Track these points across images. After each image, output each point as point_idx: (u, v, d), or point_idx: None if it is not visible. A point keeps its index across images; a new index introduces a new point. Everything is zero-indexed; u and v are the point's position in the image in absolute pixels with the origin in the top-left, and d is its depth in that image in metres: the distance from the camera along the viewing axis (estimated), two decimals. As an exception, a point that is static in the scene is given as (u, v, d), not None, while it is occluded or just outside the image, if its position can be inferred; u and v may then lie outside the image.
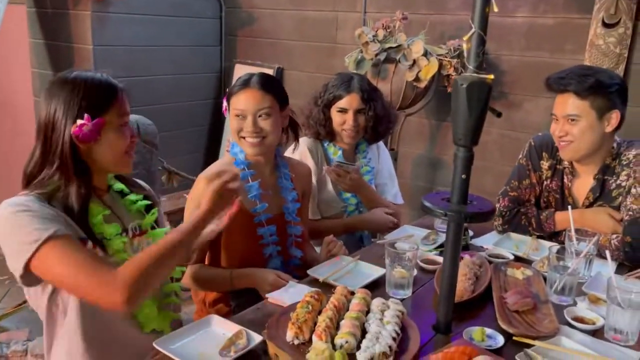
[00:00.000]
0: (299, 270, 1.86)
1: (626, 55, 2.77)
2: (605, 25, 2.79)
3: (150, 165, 2.82)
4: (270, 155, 1.85)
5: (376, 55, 3.03)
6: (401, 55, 3.02)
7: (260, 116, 1.73)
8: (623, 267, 1.73)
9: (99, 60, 3.50)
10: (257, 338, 1.27)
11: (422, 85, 3.04)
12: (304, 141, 2.24)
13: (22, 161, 1.33)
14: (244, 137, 1.75)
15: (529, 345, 1.26)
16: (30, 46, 3.76)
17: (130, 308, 1.18)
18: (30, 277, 1.23)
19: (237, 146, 1.81)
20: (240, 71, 4.32)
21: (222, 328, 1.32)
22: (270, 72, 4.09)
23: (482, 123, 1.21)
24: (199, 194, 1.65)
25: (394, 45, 3.01)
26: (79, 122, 1.26)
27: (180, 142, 4.10)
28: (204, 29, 4.25)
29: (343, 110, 2.16)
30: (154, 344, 1.23)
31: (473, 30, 1.17)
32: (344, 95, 2.16)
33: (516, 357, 1.21)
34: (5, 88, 4.09)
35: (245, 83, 1.75)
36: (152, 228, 1.47)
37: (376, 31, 3.05)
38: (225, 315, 1.56)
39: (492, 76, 1.18)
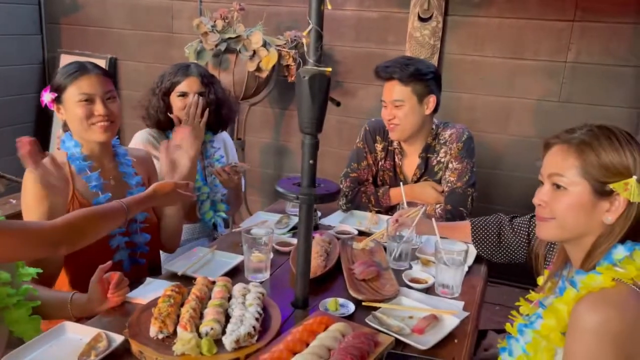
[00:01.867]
0: (145, 256, 1.82)
1: (439, 46, 3.15)
2: (421, 19, 3.14)
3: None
4: (109, 143, 1.79)
5: (216, 45, 3.04)
6: (241, 45, 3.06)
7: (108, 99, 1.69)
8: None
9: None
10: (118, 338, 1.24)
11: (264, 75, 3.12)
12: (145, 133, 2.19)
13: None
14: (93, 124, 1.67)
15: (376, 309, 1.42)
16: None
17: (62, 251, 1.32)
18: None
19: (71, 139, 1.72)
20: (67, 62, 3.98)
21: (78, 334, 1.27)
22: (102, 62, 3.85)
23: (324, 112, 1.32)
24: (32, 188, 1.55)
25: (233, 35, 3.05)
26: None
27: (2, 142, 3.68)
28: (20, 15, 3.85)
29: (184, 95, 2.14)
30: (2, 361, 1.15)
31: (311, 26, 1.26)
32: (183, 79, 2.14)
33: (366, 320, 1.35)
34: None
35: (83, 69, 1.68)
36: None
37: (215, 21, 3.05)
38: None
39: (330, 69, 1.30)
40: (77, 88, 1.66)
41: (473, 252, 1.76)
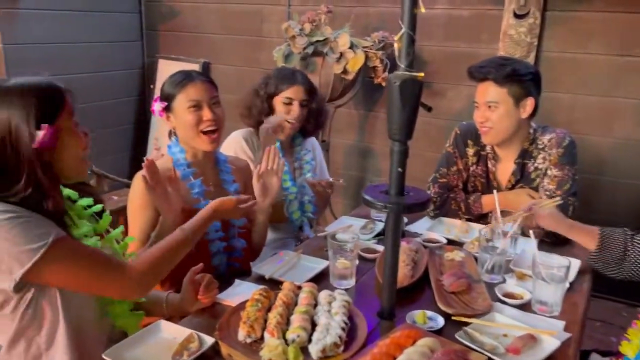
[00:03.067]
0: (240, 260, 1.87)
1: (536, 43, 2.97)
2: (516, 16, 2.98)
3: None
4: (216, 148, 1.86)
5: (304, 49, 3.06)
6: (328, 48, 3.07)
7: (214, 104, 1.76)
8: (542, 244, 1.88)
9: (11, 60, 3.30)
10: (209, 340, 1.28)
11: (350, 77, 3.11)
12: (239, 133, 2.25)
13: None
14: (202, 131, 1.74)
15: (466, 324, 1.35)
16: None
17: (140, 297, 1.35)
18: (20, 285, 1.17)
19: (177, 145, 1.79)
20: (164, 66, 4.21)
21: (172, 333, 1.31)
22: (196, 66, 4.02)
23: (415, 118, 1.28)
24: (140, 193, 1.65)
25: (321, 38, 3.06)
26: (39, 132, 1.18)
27: (105, 143, 3.94)
28: (122, 23, 4.10)
29: (289, 101, 2.19)
30: (103, 356, 1.21)
31: (403, 30, 1.22)
32: (290, 86, 2.20)
33: (456, 336, 1.29)
34: None
35: (189, 77, 1.76)
36: (107, 232, 1.43)
37: (302, 25, 3.07)
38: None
39: (422, 74, 1.25)
40: (185, 95, 1.73)
41: (575, 266, 1.63)
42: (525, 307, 1.49)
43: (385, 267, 1.40)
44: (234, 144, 2.22)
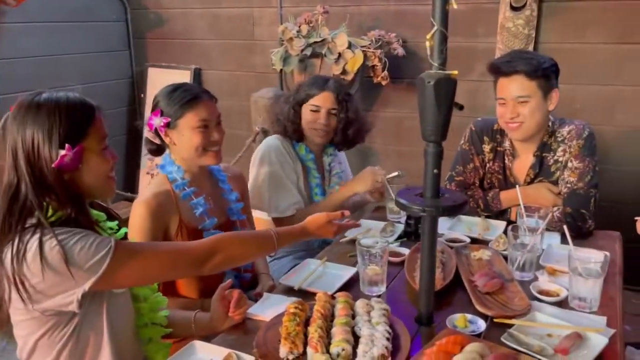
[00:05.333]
0: (250, 271, 1.84)
1: (534, 35, 2.96)
2: (513, 8, 2.97)
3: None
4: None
5: (302, 50, 3.02)
6: (326, 49, 3.03)
7: (217, 124, 1.71)
8: (563, 237, 1.85)
9: (0, 74, 3.20)
10: (248, 358, 1.23)
11: (349, 77, 3.07)
12: (275, 138, 2.19)
13: None
14: (206, 150, 1.69)
15: (507, 325, 1.32)
16: None
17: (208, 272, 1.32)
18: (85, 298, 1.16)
19: (173, 164, 1.72)
20: (154, 75, 4.12)
21: (209, 354, 1.26)
22: (187, 73, 3.95)
23: (449, 118, 1.24)
24: (141, 222, 1.59)
25: (319, 39, 3.02)
26: (61, 152, 1.14)
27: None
28: (109, 33, 4.01)
29: (316, 108, 2.13)
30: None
31: (435, 28, 1.19)
32: (318, 93, 2.13)
33: (502, 339, 1.26)
34: None
35: (198, 96, 1.68)
36: None
37: (299, 26, 3.03)
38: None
39: (456, 72, 1.21)
40: (195, 115, 1.66)
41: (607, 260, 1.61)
42: (562, 304, 1.46)
43: (421, 272, 1.36)
44: (273, 145, 2.16)
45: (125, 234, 1.38)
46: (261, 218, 2.18)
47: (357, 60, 3.01)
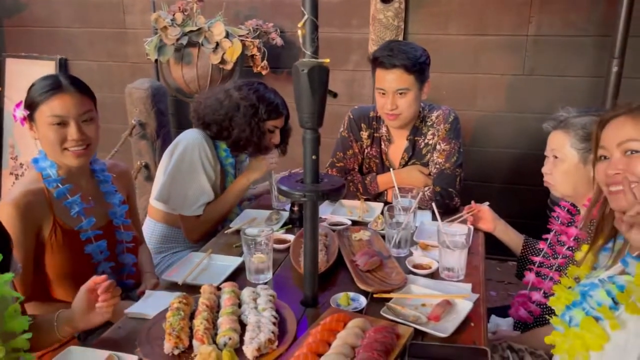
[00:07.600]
0: (132, 277, 1.76)
1: (403, 27, 3.14)
2: (383, 1, 3.12)
3: None
4: (86, 164, 1.67)
5: (177, 40, 2.92)
6: (203, 38, 2.96)
7: (84, 121, 1.55)
8: (434, 214, 2.00)
9: None
10: (130, 359, 1.18)
11: (229, 67, 3.04)
12: (197, 132, 2.06)
13: None
14: (66, 148, 1.54)
15: (386, 299, 1.40)
16: None
17: None
18: None
19: (46, 159, 1.58)
20: (13, 66, 3.77)
21: (88, 358, 1.19)
22: (52, 64, 3.66)
23: (324, 105, 1.28)
24: (9, 224, 1.42)
25: (194, 28, 2.94)
26: None
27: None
28: (-45, 19, 3.59)
29: (274, 129, 2.12)
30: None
31: (306, 16, 1.22)
32: (279, 117, 2.12)
33: (381, 312, 1.34)
34: None
35: (57, 86, 1.52)
36: None
37: (174, 15, 2.93)
38: (69, 344, 1.36)
39: (328, 60, 1.25)
40: (48, 109, 1.50)
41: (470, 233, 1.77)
42: (434, 275, 1.58)
43: (305, 256, 1.40)
44: (191, 142, 2.04)
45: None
46: (162, 210, 2.12)
47: (235, 49, 2.98)
